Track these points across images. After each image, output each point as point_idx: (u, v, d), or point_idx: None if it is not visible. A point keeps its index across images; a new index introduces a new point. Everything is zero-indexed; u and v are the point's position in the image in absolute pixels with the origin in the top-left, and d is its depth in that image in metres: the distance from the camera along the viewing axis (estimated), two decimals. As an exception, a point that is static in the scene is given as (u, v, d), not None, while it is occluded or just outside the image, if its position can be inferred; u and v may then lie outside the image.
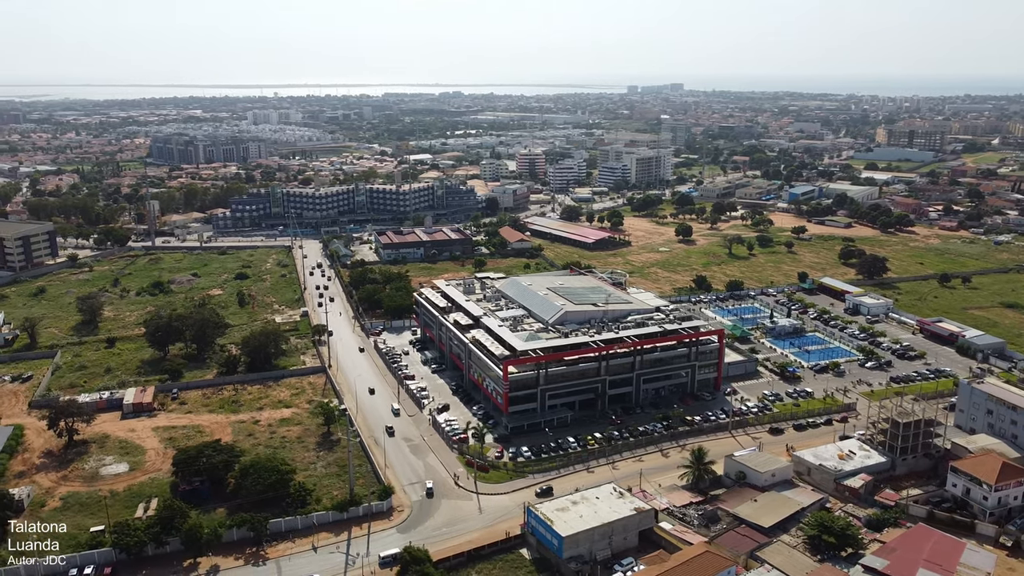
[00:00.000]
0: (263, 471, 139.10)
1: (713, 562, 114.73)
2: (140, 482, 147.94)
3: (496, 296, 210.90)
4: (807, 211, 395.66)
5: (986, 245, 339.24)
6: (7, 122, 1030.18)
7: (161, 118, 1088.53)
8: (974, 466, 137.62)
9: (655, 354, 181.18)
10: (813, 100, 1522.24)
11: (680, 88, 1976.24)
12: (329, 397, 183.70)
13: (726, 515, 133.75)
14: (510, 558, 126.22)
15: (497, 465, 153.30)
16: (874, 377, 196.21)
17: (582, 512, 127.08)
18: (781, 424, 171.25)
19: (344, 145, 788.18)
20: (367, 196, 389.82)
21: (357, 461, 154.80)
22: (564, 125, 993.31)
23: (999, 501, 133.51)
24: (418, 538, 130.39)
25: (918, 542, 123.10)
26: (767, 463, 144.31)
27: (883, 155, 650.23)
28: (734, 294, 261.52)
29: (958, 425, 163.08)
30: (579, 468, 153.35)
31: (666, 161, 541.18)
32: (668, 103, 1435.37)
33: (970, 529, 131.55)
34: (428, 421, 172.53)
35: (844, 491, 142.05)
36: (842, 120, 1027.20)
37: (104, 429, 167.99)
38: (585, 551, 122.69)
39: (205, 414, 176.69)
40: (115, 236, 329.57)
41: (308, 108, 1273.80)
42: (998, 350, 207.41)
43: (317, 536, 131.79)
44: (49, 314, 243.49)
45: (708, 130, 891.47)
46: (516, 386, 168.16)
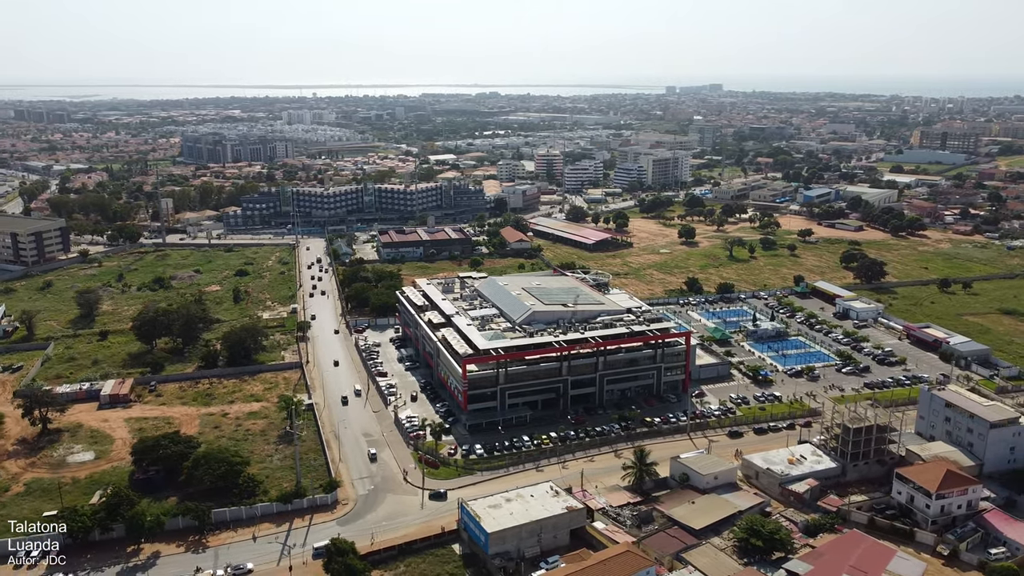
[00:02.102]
0: (213, 462, 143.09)
1: (632, 562, 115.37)
2: (103, 470, 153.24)
3: (473, 296, 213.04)
4: (818, 214, 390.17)
5: (998, 250, 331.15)
6: (52, 121, 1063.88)
7: (199, 118, 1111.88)
8: (917, 473, 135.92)
9: (619, 355, 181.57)
10: (854, 101, 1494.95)
11: (719, 89, 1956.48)
12: (301, 392, 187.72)
13: (661, 516, 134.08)
14: (441, 553, 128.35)
15: (448, 462, 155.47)
16: (849, 382, 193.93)
17: (513, 509, 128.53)
18: (742, 428, 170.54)
19: (372, 145, 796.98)
20: (375, 196, 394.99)
21: (313, 455, 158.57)
22: (594, 126, 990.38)
23: (941, 509, 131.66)
24: (356, 531, 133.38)
25: (847, 548, 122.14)
26: (710, 466, 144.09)
27: (913, 157, 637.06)
28: (724, 297, 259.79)
29: (919, 432, 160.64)
30: (529, 467, 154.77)
31: (684, 162, 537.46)
32: (704, 104, 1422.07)
33: (909, 537, 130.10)
34: (391, 417, 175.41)
35: (789, 496, 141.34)
36: (879, 121, 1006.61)
37: (79, 419, 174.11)
38: (512, 548, 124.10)
39: (178, 406, 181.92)
40: (127, 233, 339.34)
41: (343, 108, 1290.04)
42: (982, 357, 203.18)
43: (260, 526, 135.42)
44: (51, 307, 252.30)
45: (739, 131, 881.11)
46: (475, 384, 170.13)
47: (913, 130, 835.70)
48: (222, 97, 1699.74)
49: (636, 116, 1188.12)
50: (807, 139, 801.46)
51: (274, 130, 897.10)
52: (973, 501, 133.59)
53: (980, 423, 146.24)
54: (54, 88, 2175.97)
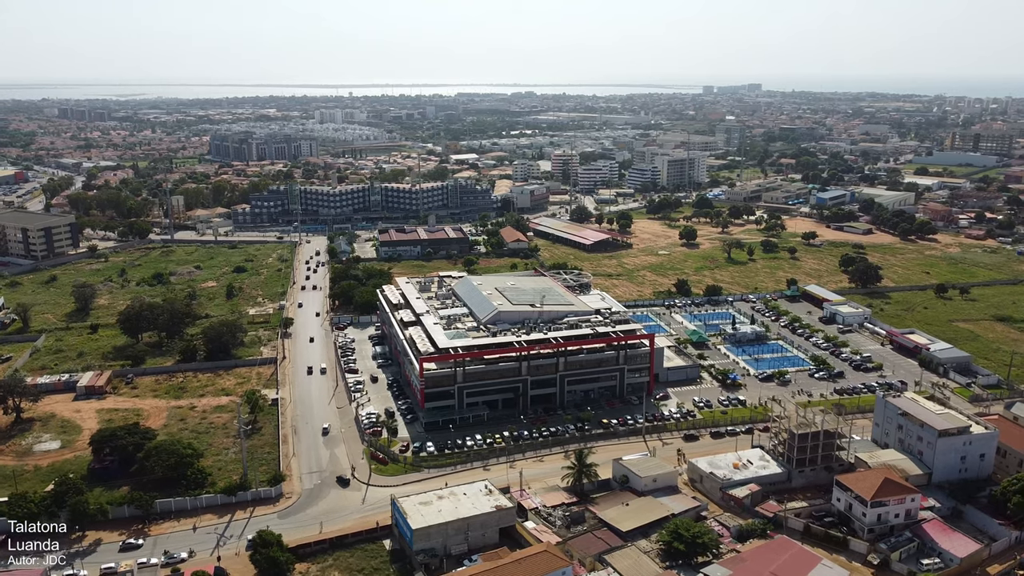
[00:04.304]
0: (164, 453, 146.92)
1: (547, 561, 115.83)
2: (65, 459, 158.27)
3: (447, 295, 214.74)
4: (827, 216, 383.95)
5: (1008, 255, 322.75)
6: (94, 120, 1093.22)
7: (234, 116, 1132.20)
8: (855, 481, 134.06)
9: (580, 356, 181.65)
10: (896, 101, 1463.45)
11: (758, 88, 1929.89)
12: (271, 388, 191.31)
13: (592, 517, 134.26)
14: (371, 548, 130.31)
15: (397, 459, 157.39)
16: (819, 387, 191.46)
17: (443, 507, 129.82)
18: (699, 431, 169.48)
19: (398, 144, 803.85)
20: (382, 195, 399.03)
21: (268, 448, 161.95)
22: (623, 126, 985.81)
23: (878, 518, 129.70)
24: (294, 524, 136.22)
25: (771, 555, 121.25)
26: (650, 468, 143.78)
27: (943, 159, 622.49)
28: (711, 299, 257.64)
29: (874, 439, 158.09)
30: (477, 466, 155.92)
31: (700, 163, 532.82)
32: (740, 104, 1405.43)
33: (843, 545, 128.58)
34: (353, 414, 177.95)
35: (729, 500, 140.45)
36: (916, 122, 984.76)
37: (53, 409, 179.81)
38: (438, 544, 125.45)
39: (150, 399, 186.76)
40: (137, 229, 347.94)
41: (376, 108, 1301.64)
42: (962, 364, 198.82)
43: (202, 517, 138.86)
44: (51, 301, 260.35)
45: (769, 132, 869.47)
46: (432, 382, 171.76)
47: (951, 131, 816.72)
48: (261, 96, 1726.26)
49: (668, 116, 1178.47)
50: (838, 140, 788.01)
51: (305, 129, 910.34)
52: (912, 510, 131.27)
53: (929, 431, 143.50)
54: (105, 87, 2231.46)
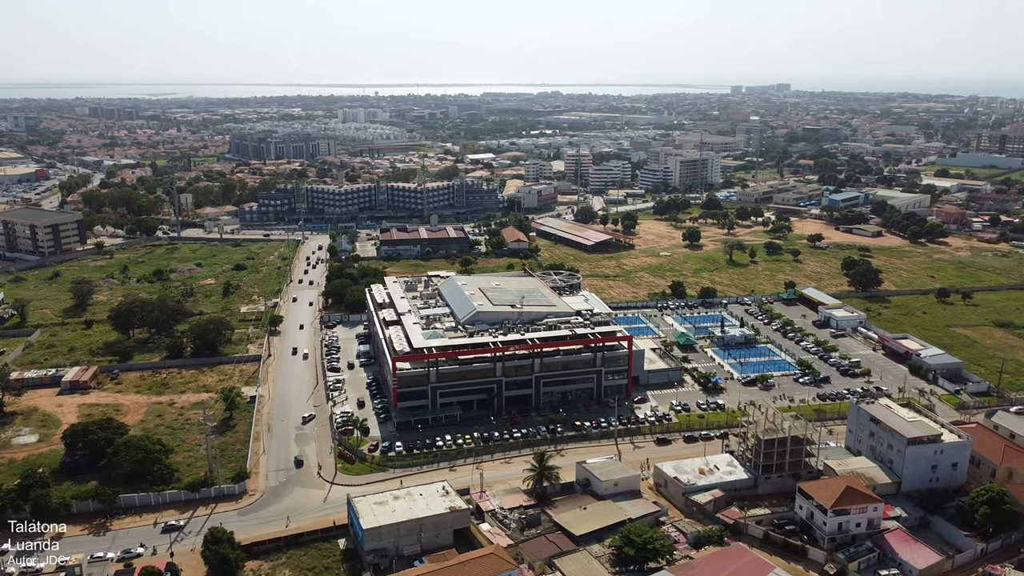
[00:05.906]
0: (132, 449, 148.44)
1: (493, 564, 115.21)
2: (40, 452, 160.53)
3: (431, 295, 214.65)
4: (837, 218, 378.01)
5: (1020, 259, 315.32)
6: (122, 118, 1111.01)
7: (259, 115, 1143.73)
8: (817, 489, 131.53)
9: (557, 357, 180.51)
10: (927, 101, 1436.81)
11: (786, 88, 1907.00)
12: (253, 385, 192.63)
13: (548, 520, 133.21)
14: (325, 547, 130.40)
15: (365, 458, 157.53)
16: (803, 392, 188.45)
17: (397, 507, 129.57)
18: (672, 435, 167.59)
19: (417, 144, 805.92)
20: (388, 194, 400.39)
21: (240, 445, 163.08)
22: (645, 126, 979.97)
23: (839, 527, 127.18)
24: (254, 521, 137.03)
25: (722, 562, 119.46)
26: (612, 472, 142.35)
27: (967, 161, 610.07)
28: (705, 302, 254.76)
29: (848, 446, 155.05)
30: (443, 466, 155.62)
31: (714, 164, 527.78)
32: (766, 104, 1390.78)
33: (801, 554, 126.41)
34: (329, 412, 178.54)
35: (692, 506, 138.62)
36: (944, 123, 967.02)
37: (37, 403, 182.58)
38: (389, 545, 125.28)
39: (131, 394, 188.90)
40: (144, 226, 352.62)
41: (399, 107, 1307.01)
42: (953, 371, 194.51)
43: (164, 513, 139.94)
44: (52, 296, 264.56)
45: (792, 133, 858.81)
46: (405, 382, 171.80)
47: (979, 132, 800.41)
48: (288, 96, 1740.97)
49: (692, 116, 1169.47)
50: (861, 141, 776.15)
51: (327, 128, 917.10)
52: (874, 520, 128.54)
53: (899, 439, 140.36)
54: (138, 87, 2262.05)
